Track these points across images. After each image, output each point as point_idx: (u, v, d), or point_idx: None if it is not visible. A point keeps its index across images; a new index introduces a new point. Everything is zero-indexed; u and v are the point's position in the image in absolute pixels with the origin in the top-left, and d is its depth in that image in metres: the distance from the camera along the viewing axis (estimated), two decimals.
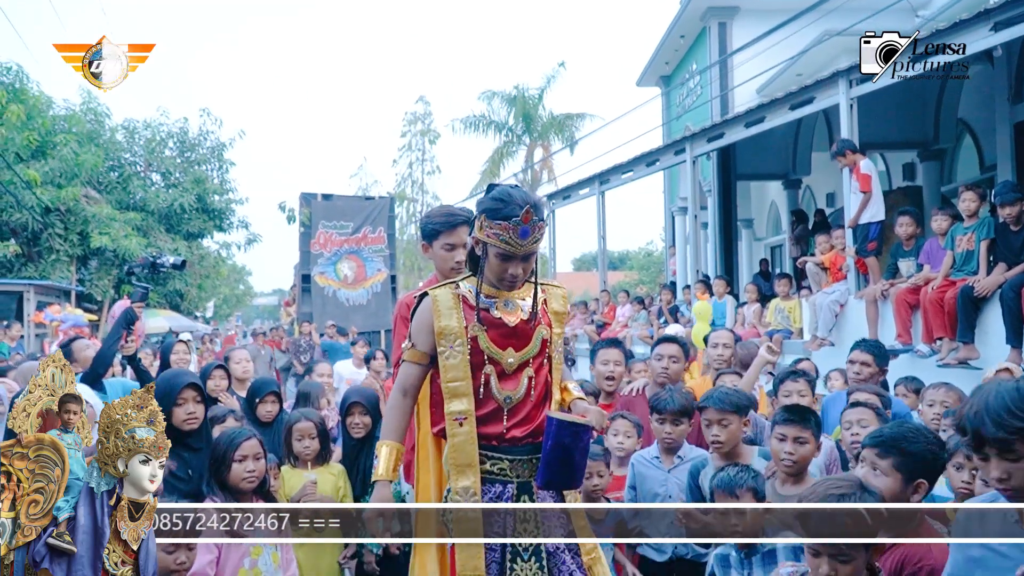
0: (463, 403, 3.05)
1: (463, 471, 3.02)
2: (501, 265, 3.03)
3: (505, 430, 3.06)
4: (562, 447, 2.94)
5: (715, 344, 6.20)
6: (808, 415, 3.72)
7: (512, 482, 3.06)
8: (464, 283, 3.17)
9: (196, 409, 4.15)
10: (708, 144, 12.84)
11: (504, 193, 3.05)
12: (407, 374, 3.16)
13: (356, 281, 16.22)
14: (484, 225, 2.99)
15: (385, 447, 3.11)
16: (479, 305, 3.10)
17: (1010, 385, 2.33)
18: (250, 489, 3.80)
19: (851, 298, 9.55)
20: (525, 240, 2.97)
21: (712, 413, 3.91)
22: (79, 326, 15.48)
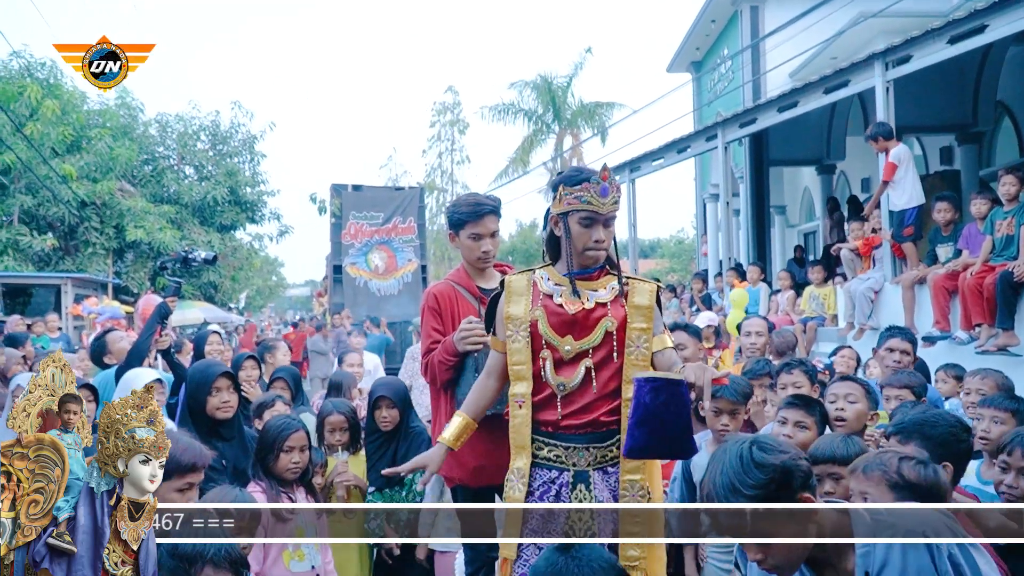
0: (523, 386, 3.09)
1: (519, 453, 3.08)
2: (586, 232, 3.03)
3: (560, 417, 3.05)
4: (644, 407, 2.69)
5: (748, 332, 6.20)
6: (814, 404, 3.73)
7: (568, 469, 3.04)
8: (542, 270, 3.21)
9: (230, 398, 4.18)
10: (740, 130, 12.68)
11: (575, 167, 3.18)
12: (493, 359, 3.26)
13: (387, 271, 16.21)
14: (563, 195, 3.02)
15: (459, 417, 3.24)
16: (544, 290, 3.13)
17: (731, 454, 2.20)
18: (294, 479, 3.88)
19: (887, 284, 9.41)
20: (606, 199, 2.99)
21: (724, 402, 3.92)
22: (116, 318, 15.59)
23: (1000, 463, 3.25)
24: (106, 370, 5.59)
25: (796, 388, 4.39)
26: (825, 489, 3.22)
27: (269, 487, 3.77)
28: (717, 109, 17.30)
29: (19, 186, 22.67)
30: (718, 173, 15.00)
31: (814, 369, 4.75)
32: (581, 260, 3.08)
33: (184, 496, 2.88)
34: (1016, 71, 11.63)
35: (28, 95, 22.16)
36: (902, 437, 2.73)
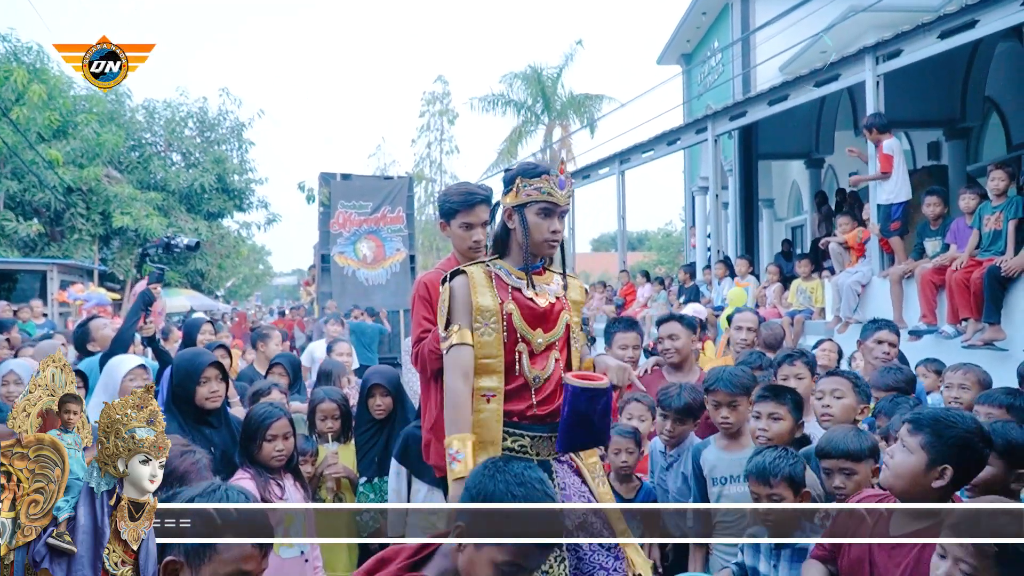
0: (493, 380, 3.06)
1: (485, 448, 3.01)
2: (544, 223, 3.07)
3: (531, 407, 3.08)
4: (578, 413, 2.97)
5: (739, 327, 6.15)
6: (784, 392, 3.71)
7: (532, 460, 3.02)
8: (493, 263, 3.19)
9: (219, 388, 4.16)
10: (730, 123, 12.68)
11: (529, 161, 3.23)
12: (463, 358, 3.08)
13: (375, 261, 16.20)
14: (521, 186, 3.06)
15: (457, 441, 3.01)
16: (511, 284, 3.14)
17: None
18: (279, 466, 3.86)
19: (875, 278, 9.43)
20: (563, 191, 3.07)
21: (722, 395, 3.88)
22: (102, 305, 15.51)
23: None
24: (90, 357, 5.54)
25: (798, 379, 4.37)
26: (835, 484, 3.23)
27: (257, 474, 3.76)
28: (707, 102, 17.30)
29: (5, 171, 22.55)
30: (707, 166, 15.03)
31: (815, 360, 4.74)
32: (539, 251, 3.13)
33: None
34: (1005, 67, 11.66)
35: (14, 79, 21.98)
36: (912, 427, 2.68)
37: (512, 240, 3.15)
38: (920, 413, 2.75)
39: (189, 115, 27.53)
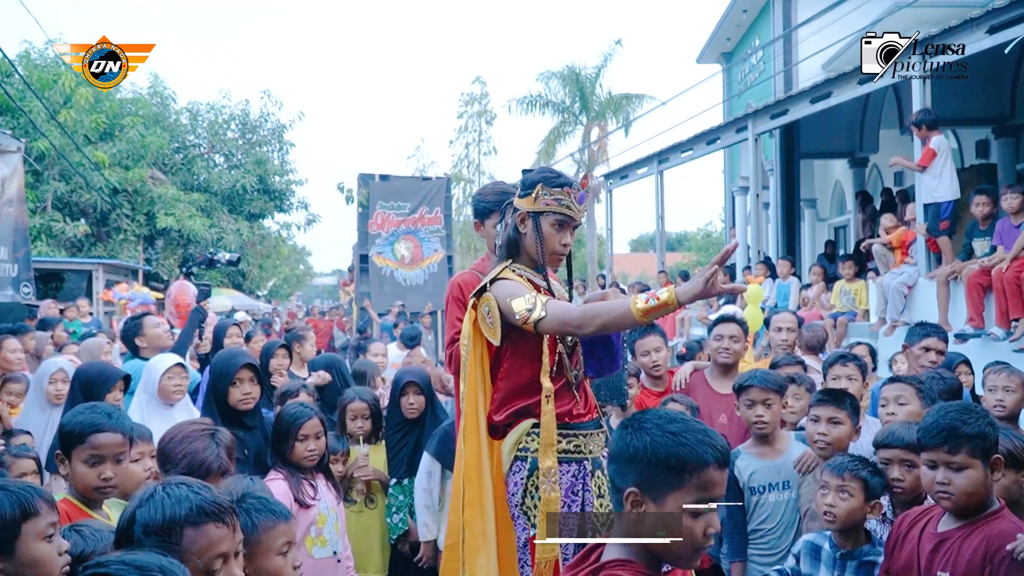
0: (547, 380, 3.03)
1: (547, 451, 2.99)
2: (557, 234, 3.09)
3: (576, 405, 3.11)
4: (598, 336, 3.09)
5: (779, 328, 6.01)
6: (843, 397, 3.62)
7: (587, 458, 3.07)
8: (517, 267, 3.18)
9: (252, 390, 4.15)
10: (771, 121, 12.49)
11: (552, 168, 3.22)
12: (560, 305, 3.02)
13: (413, 261, 16.16)
14: (542, 194, 3.03)
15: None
16: (541, 285, 3.13)
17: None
18: (312, 466, 3.84)
19: (921, 279, 9.24)
20: (582, 206, 3.09)
21: (756, 393, 3.81)
22: (146, 304, 15.65)
23: None
24: (133, 360, 5.52)
25: (849, 380, 4.29)
26: (893, 475, 3.19)
27: (290, 475, 3.74)
28: (747, 100, 17.04)
29: (52, 173, 22.88)
30: (747, 166, 14.81)
31: (866, 365, 4.66)
32: (548, 261, 3.13)
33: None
34: None
35: (62, 83, 22.36)
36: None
37: (522, 245, 3.15)
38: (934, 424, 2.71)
39: (232, 117, 27.88)
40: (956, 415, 2.64)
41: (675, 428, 1.87)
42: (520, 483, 3.04)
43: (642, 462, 1.85)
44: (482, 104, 36.73)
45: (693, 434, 1.87)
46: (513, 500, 3.03)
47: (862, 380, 4.38)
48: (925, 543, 2.69)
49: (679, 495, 1.83)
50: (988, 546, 2.53)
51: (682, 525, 1.83)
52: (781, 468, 3.75)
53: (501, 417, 3.10)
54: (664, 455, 1.84)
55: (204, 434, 3.01)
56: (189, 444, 2.94)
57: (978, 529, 2.59)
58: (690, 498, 1.84)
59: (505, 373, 3.12)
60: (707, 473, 1.84)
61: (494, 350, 3.11)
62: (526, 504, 3.02)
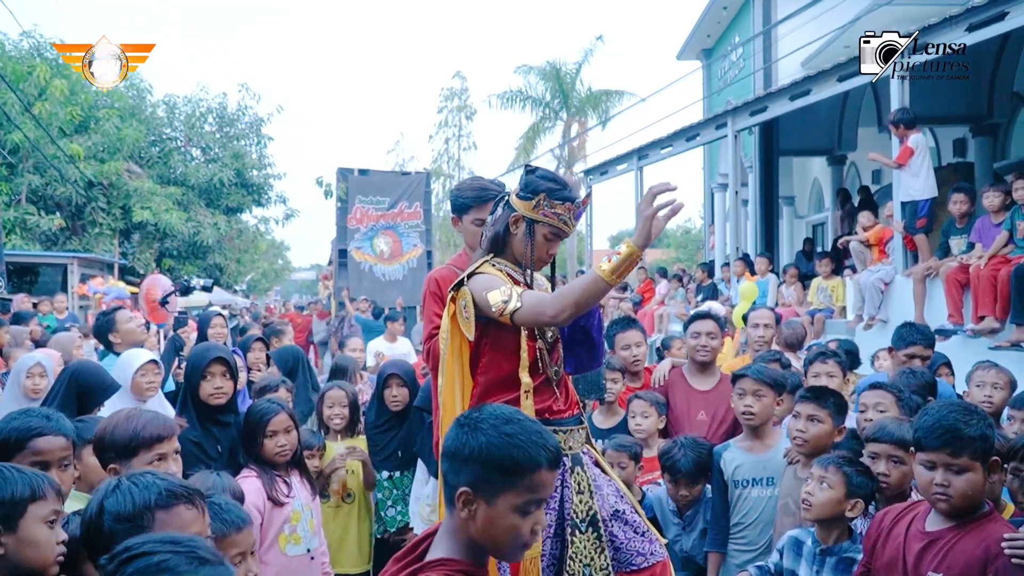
0: (526, 375, 3.01)
1: None
2: (547, 244, 3.08)
3: (556, 401, 3.08)
4: (578, 328, 3.13)
5: (756, 324, 5.99)
6: (826, 395, 3.58)
7: (567, 455, 3.02)
8: (498, 262, 3.16)
9: (223, 384, 4.06)
10: (751, 118, 12.52)
11: (558, 176, 3.12)
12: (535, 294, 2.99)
13: (392, 256, 16.15)
14: (543, 204, 2.99)
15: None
16: (522, 281, 3.11)
17: None
18: (284, 462, 3.78)
19: (898, 276, 9.30)
20: (576, 222, 3.09)
21: (748, 383, 3.80)
22: (122, 298, 15.70)
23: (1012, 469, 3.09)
24: (108, 357, 5.46)
25: (829, 377, 4.27)
26: (880, 470, 3.18)
27: (262, 472, 3.69)
28: (727, 97, 17.08)
29: (27, 165, 22.73)
30: (727, 162, 14.86)
31: (847, 362, 4.64)
32: (532, 266, 3.11)
33: (162, 466, 2.78)
34: None
35: (37, 75, 22.21)
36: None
37: (511, 244, 3.12)
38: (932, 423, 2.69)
39: (209, 110, 27.78)
40: (958, 416, 2.59)
41: (510, 430, 1.90)
42: None
43: (476, 462, 1.88)
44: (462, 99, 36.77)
45: (527, 436, 1.90)
46: None
47: (842, 377, 4.35)
48: (912, 542, 2.66)
49: (510, 496, 1.87)
50: (988, 549, 2.50)
51: (511, 524, 1.89)
52: (767, 464, 3.74)
53: None
54: (499, 457, 1.87)
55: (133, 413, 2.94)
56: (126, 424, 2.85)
57: (972, 531, 2.56)
58: (520, 499, 1.88)
59: (484, 368, 3.10)
60: (539, 475, 1.89)
61: (473, 345, 3.08)
62: None
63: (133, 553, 1.60)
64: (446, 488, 1.96)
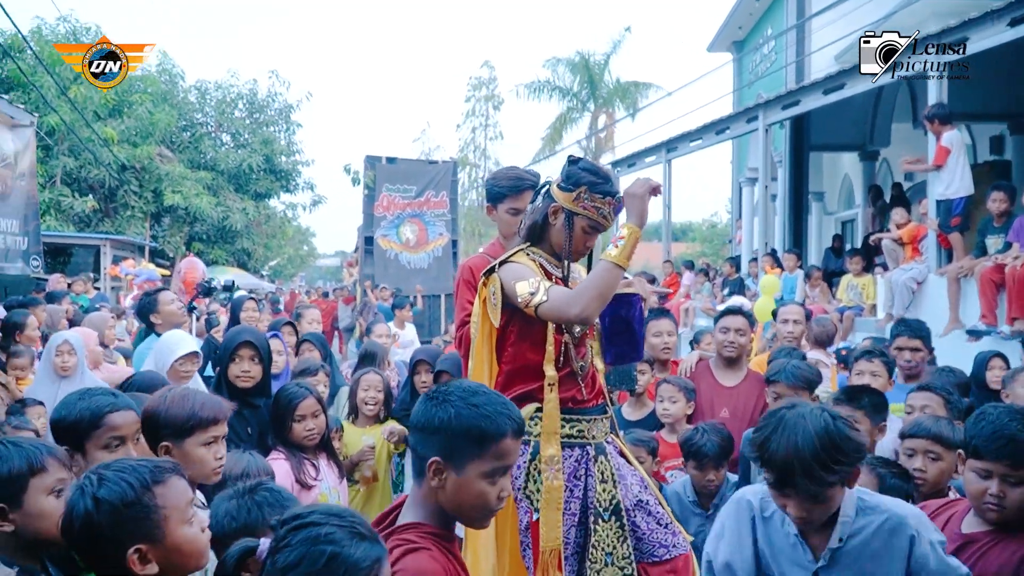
0: (551, 368, 3.01)
1: (549, 439, 2.98)
2: (585, 237, 3.08)
3: (580, 392, 3.08)
4: (620, 319, 3.15)
5: (785, 319, 5.91)
6: (860, 395, 3.54)
7: (590, 444, 3.05)
8: (533, 251, 3.15)
9: (251, 368, 4.10)
10: (782, 112, 12.33)
11: (600, 168, 3.11)
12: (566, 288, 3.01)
13: (418, 245, 16.16)
14: (583, 197, 2.98)
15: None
16: (555, 274, 3.12)
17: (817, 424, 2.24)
18: (312, 445, 3.82)
19: (931, 275, 9.10)
20: (616, 216, 3.08)
21: (782, 388, 3.81)
22: (152, 280, 15.79)
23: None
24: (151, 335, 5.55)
25: (874, 376, 4.19)
26: (915, 465, 3.14)
27: (290, 455, 3.71)
28: (758, 91, 16.82)
29: (62, 148, 22.95)
30: (757, 157, 14.66)
31: (894, 360, 4.55)
32: (570, 258, 3.12)
33: (211, 450, 2.76)
34: None
35: None
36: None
37: (548, 234, 3.11)
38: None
39: (239, 96, 28.02)
40: (1019, 426, 2.50)
41: (477, 400, 2.00)
42: (523, 467, 3.00)
43: (445, 433, 1.97)
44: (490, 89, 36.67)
45: (493, 406, 2.01)
46: (516, 483, 2.98)
47: (887, 377, 4.26)
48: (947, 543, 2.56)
49: (478, 463, 1.98)
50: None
51: (479, 490, 2.00)
52: None
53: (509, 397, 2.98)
54: (467, 426, 1.97)
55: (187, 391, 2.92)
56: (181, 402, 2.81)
57: (1008, 536, 2.50)
58: (488, 466, 1.99)
59: (509, 357, 3.09)
60: (504, 443, 2.00)
61: (499, 332, 3.07)
62: (528, 488, 2.99)
63: (302, 522, 1.64)
64: (415, 460, 2.04)
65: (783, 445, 2.25)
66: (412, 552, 1.93)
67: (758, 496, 2.57)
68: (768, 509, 2.53)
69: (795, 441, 2.23)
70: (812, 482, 2.23)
